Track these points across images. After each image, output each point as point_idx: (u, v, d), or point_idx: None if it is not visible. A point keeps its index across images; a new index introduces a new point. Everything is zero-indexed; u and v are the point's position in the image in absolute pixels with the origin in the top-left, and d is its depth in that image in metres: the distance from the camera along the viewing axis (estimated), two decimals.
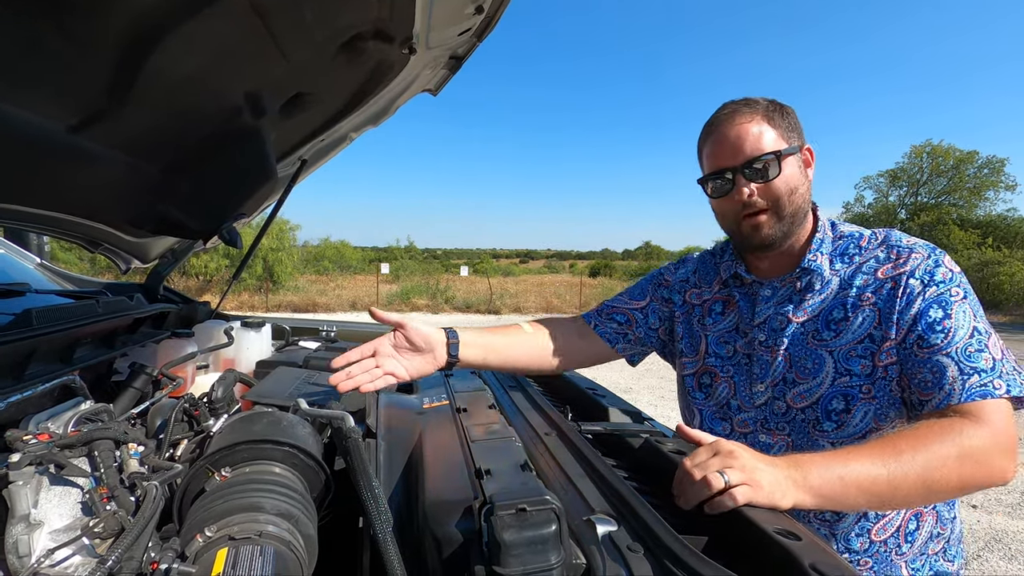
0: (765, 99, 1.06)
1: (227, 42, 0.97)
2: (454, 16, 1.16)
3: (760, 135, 1.00)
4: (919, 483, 0.79)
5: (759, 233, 1.04)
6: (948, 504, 1.04)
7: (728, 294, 1.17)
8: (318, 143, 1.65)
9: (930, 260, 0.96)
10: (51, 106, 0.95)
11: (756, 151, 1.00)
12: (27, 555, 0.60)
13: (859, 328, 0.98)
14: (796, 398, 1.03)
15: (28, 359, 0.99)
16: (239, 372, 1.23)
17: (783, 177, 1.00)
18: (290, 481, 0.75)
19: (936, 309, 0.92)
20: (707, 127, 1.08)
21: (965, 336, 0.89)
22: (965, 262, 19.03)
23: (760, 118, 1.02)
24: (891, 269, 0.98)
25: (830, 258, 1.05)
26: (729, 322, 1.16)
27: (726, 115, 1.04)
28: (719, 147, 1.04)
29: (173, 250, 1.91)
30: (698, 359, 1.19)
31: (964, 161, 23.73)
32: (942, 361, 0.89)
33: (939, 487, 0.80)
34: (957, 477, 0.80)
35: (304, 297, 16.77)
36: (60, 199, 1.30)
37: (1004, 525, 3.54)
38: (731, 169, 1.02)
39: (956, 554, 1.05)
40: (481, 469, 0.71)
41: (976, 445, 0.81)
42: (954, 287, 0.93)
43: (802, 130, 1.07)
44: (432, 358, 1.07)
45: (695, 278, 1.26)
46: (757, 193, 1.01)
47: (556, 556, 0.56)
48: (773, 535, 0.63)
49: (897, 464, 0.78)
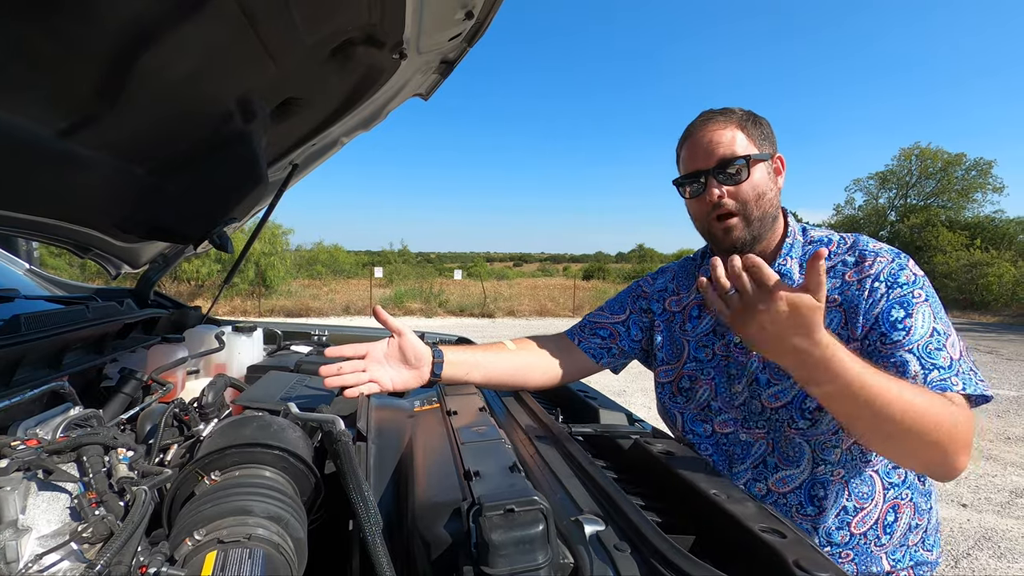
0: (741, 109, 1.12)
1: (217, 47, 0.97)
2: (444, 21, 1.17)
3: (732, 140, 1.06)
4: (911, 420, 0.82)
5: (729, 236, 1.08)
6: (924, 495, 1.07)
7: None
8: (309, 147, 1.65)
9: (894, 264, 1.00)
10: (40, 110, 0.94)
11: (727, 154, 1.05)
12: (15, 560, 0.60)
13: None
14: (771, 398, 1.06)
15: (17, 365, 0.99)
16: (230, 377, 1.22)
17: (752, 181, 1.05)
18: (280, 485, 0.75)
19: (898, 309, 0.95)
20: (685, 132, 1.14)
21: (925, 335, 0.93)
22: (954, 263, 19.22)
23: (734, 126, 1.07)
24: (857, 272, 1.02)
25: (800, 262, 1.09)
26: (706, 325, 1.20)
27: (702, 121, 1.10)
28: (693, 150, 1.09)
29: (164, 255, 1.91)
30: (679, 365, 1.22)
31: (952, 163, 24.04)
32: (904, 356, 0.92)
33: (918, 435, 0.83)
34: (935, 438, 0.83)
35: (297, 302, 16.69)
36: (50, 204, 1.30)
37: (994, 523, 3.58)
38: (704, 171, 1.07)
39: (934, 543, 1.09)
40: (470, 471, 0.72)
41: (961, 419, 0.84)
42: (917, 289, 0.97)
43: (775, 140, 1.12)
44: (419, 375, 1.11)
45: (673, 285, 1.30)
46: (727, 195, 1.06)
47: (544, 556, 0.57)
48: (759, 533, 0.64)
49: (910, 394, 0.83)
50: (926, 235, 22.31)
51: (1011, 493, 4.05)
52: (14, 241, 2.52)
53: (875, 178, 26.54)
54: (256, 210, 1.83)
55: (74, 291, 2.09)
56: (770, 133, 1.11)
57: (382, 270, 21.39)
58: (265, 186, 1.58)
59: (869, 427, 0.86)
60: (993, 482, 4.25)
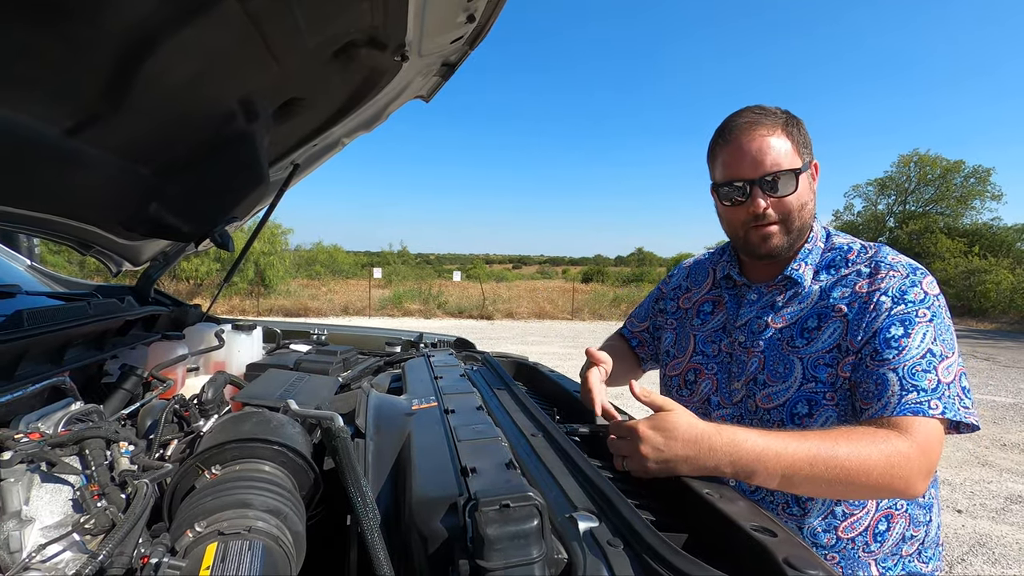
0: (780, 110, 1.07)
1: (221, 48, 0.98)
2: (446, 24, 1.19)
3: (780, 151, 1.02)
4: (838, 477, 0.82)
5: (767, 244, 1.06)
6: (923, 507, 1.06)
7: (718, 295, 1.23)
8: (310, 148, 1.66)
9: (907, 280, 0.98)
10: (47, 110, 0.96)
11: (776, 166, 1.01)
12: (18, 551, 0.61)
13: (828, 338, 1.01)
14: (764, 399, 1.07)
15: (19, 360, 0.99)
16: (230, 374, 1.23)
17: (797, 193, 1.03)
18: (279, 479, 0.76)
19: (897, 327, 0.95)
20: (724, 133, 1.08)
21: (917, 356, 0.92)
22: (952, 270, 19.26)
23: (780, 131, 1.03)
24: (868, 285, 1.00)
25: (816, 269, 1.09)
26: (717, 321, 1.21)
27: (745, 124, 1.04)
28: (737, 157, 1.04)
29: (164, 253, 1.92)
30: (686, 358, 1.24)
31: (951, 170, 24.10)
32: (887, 375, 0.92)
33: (855, 486, 0.83)
34: (874, 483, 0.83)
35: (296, 301, 16.69)
36: (54, 201, 1.31)
37: (988, 530, 3.59)
38: (748, 181, 1.03)
39: (932, 556, 1.07)
40: (467, 467, 0.73)
41: (899, 459, 0.84)
42: (923, 308, 0.96)
43: (811, 144, 1.09)
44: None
45: (687, 283, 1.32)
46: (771, 207, 1.03)
47: (538, 550, 0.58)
48: (750, 531, 0.65)
49: (825, 455, 0.82)
50: (925, 242, 22.36)
51: (1006, 499, 4.06)
52: (15, 237, 2.52)
53: (874, 184, 26.63)
54: (257, 209, 1.85)
55: (75, 288, 2.10)
56: (808, 137, 1.08)
57: (381, 271, 21.38)
58: (266, 185, 1.59)
59: (798, 489, 0.87)
60: (988, 488, 4.27)
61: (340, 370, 1.58)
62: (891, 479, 0.83)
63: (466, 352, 1.91)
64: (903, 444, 0.85)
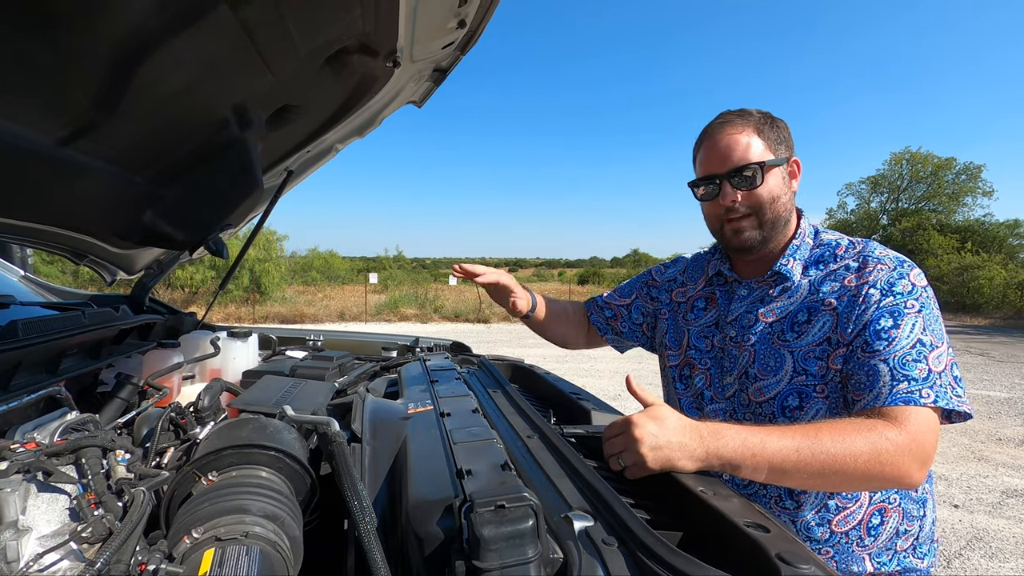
0: (759, 111, 1.12)
1: (214, 56, 0.99)
2: (437, 30, 1.20)
3: (748, 146, 1.06)
4: (826, 466, 0.83)
5: (739, 236, 1.11)
6: (916, 502, 1.07)
7: (711, 291, 1.25)
8: (304, 154, 1.67)
9: (894, 272, 1.00)
10: (39, 118, 0.96)
11: (742, 160, 1.06)
12: (15, 560, 0.61)
13: (819, 331, 1.03)
14: (756, 392, 1.08)
15: (14, 370, 0.99)
16: (226, 381, 1.23)
17: (766, 186, 1.07)
18: (276, 485, 0.76)
19: (887, 318, 0.96)
20: (702, 134, 1.15)
21: (907, 346, 0.93)
22: (945, 267, 19.38)
23: (751, 130, 1.08)
24: (856, 278, 1.02)
25: (804, 264, 1.11)
26: (710, 317, 1.23)
27: (719, 124, 1.11)
28: (709, 154, 1.11)
29: (159, 261, 1.92)
30: (681, 352, 1.26)
31: (942, 168, 24.28)
32: (878, 366, 0.93)
33: (844, 476, 0.84)
34: (863, 471, 0.84)
35: (292, 308, 16.63)
36: (48, 211, 1.31)
37: (985, 524, 3.61)
38: (718, 176, 1.09)
39: (928, 552, 1.08)
40: (462, 469, 0.73)
41: (888, 446, 0.85)
42: (911, 300, 0.97)
43: (792, 143, 1.12)
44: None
45: (683, 277, 1.35)
46: (741, 199, 1.08)
47: (533, 550, 0.58)
48: (744, 528, 0.66)
49: (810, 444, 0.84)
50: (918, 239, 22.50)
51: (1002, 493, 4.09)
52: (9, 248, 2.52)
53: (867, 182, 26.80)
54: (251, 216, 1.85)
55: (69, 298, 2.09)
56: (787, 136, 1.12)
57: (377, 276, 21.34)
58: (260, 192, 1.59)
59: (788, 482, 0.88)
60: (985, 483, 4.29)
61: (336, 376, 1.58)
62: (880, 466, 0.84)
63: (462, 356, 1.92)
64: (892, 432, 0.86)
